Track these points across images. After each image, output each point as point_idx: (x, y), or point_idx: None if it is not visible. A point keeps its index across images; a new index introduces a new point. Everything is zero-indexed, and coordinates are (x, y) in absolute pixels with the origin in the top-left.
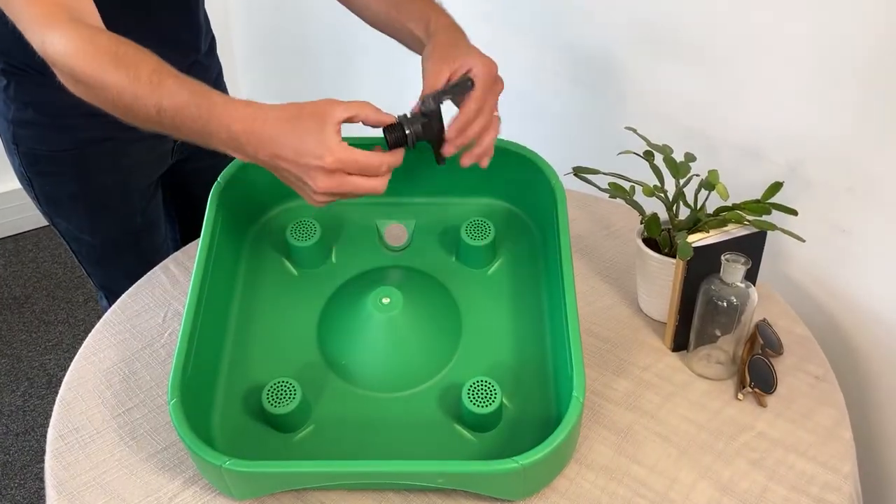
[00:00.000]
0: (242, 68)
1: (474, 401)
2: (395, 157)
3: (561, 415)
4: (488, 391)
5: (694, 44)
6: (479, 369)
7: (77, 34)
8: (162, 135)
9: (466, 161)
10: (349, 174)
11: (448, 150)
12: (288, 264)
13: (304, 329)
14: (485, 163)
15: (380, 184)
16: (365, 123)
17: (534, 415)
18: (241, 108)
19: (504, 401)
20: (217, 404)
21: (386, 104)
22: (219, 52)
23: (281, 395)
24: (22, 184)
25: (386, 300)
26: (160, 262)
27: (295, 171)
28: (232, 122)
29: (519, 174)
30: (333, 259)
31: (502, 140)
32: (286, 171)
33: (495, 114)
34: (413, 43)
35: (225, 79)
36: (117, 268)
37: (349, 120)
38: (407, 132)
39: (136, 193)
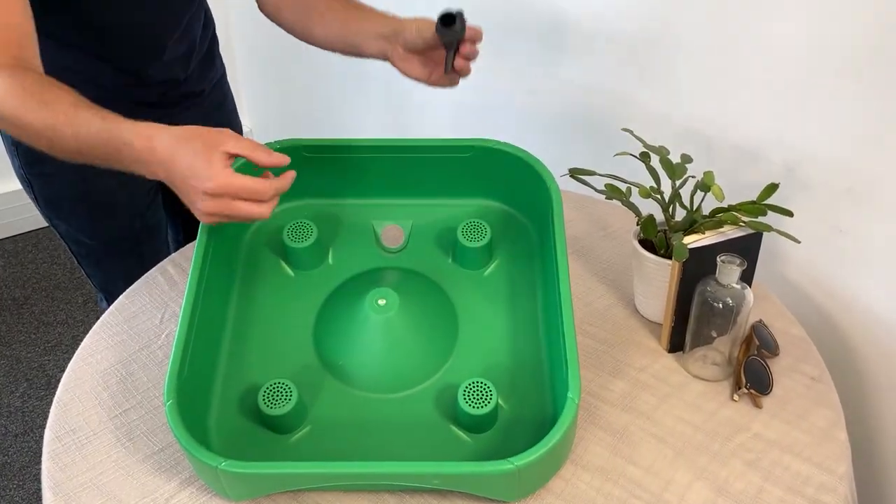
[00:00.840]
0: (242, 68)
1: (470, 402)
2: (283, 182)
3: (556, 416)
4: (484, 392)
5: (691, 44)
6: (474, 370)
7: (12, 80)
8: None
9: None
10: (234, 199)
11: (466, 47)
12: (284, 266)
13: (300, 330)
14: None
15: (266, 210)
16: (255, 164)
17: (529, 416)
18: (142, 127)
19: (500, 402)
20: (213, 405)
21: (388, 104)
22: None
23: (277, 396)
24: (22, 185)
25: (382, 301)
26: None
27: (184, 190)
28: (133, 140)
29: (515, 175)
30: (330, 260)
31: (499, 142)
32: (177, 189)
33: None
34: (373, 41)
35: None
36: (118, 270)
37: (239, 155)
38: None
39: (137, 197)
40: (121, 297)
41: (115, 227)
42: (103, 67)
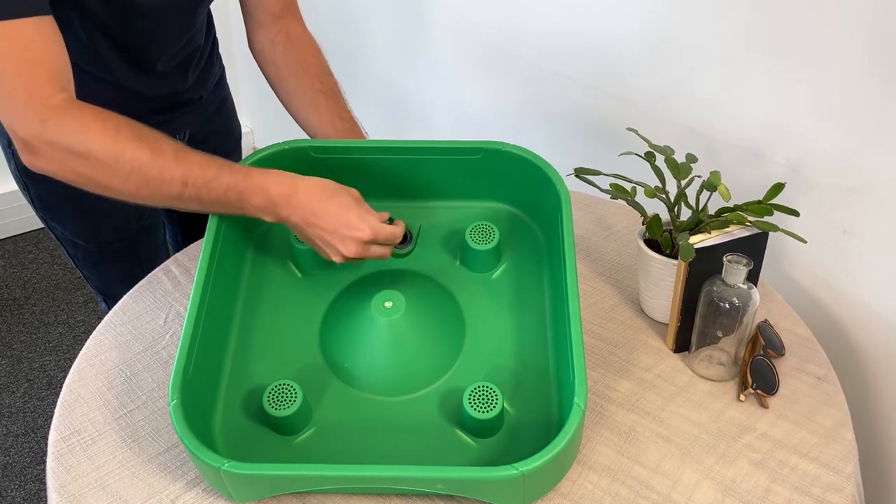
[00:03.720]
0: (242, 68)
1: (475, 406)
2: (400, 227)
3: (563, 420)
4: (489, 397)
5: (695, 44)
6: (481, 374)
7: (90, 113)
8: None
9: None
10: (373, 244)
11: None
12: (292, 267)
13: (306, 332)
14: None
15: (388, 252)
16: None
17: (536, 420)
18: (277, 175)
19: (506, 406)
20: (218, 405)
21: (387, 106)
22: (220, 52)
23: (282, 397)
24: (19, 187)
25: (388, 304)
26: (157, 266)
27: (329, 237)
28: (270, 187)
29: (524, 178)
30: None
31: (508, 144)
32: (317, 235)
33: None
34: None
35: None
36: (115, 272)
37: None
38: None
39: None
40: (124, 297)
41: (110, 229)
42: (99, 87)
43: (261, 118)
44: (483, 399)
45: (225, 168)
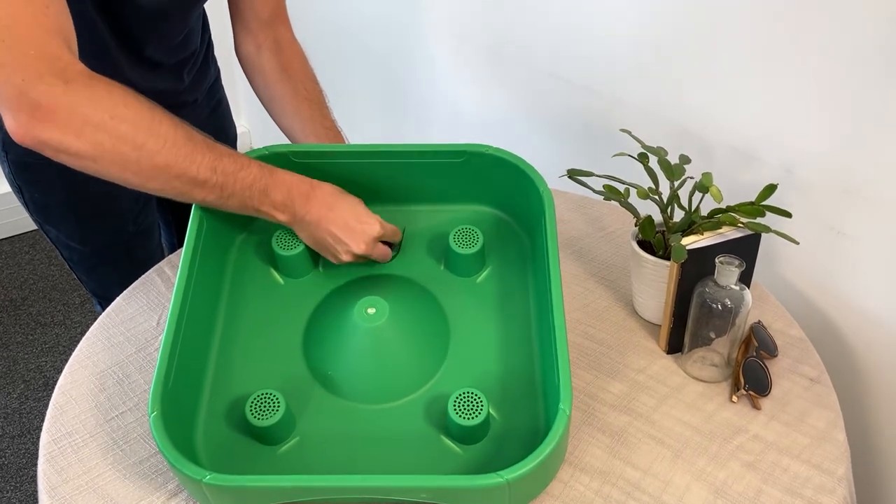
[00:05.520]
0: (240, 70)
1: (460, 413)
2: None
3: (549, 426)
4: (474, 403)
5: (689, 46)
6: (466, 380)
7: (115, 84)
8: None
9: None
10: (379, 243)
11: None
12: (274, 273)
13: (289, 339)
14: None
15: (389, 254)
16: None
17: (522, 426)
18: (298, 176)
19: (491, 412)
20: (200, 416)
21: (383, 106)
22: (218, 53)
23: (264, 407)
24: (12, 190)
25: (371, 310)
26: None
27: (341, 232)
28: (293, 185)
29: (508, 181)
30: (320, 268)
31: (491, 147)
32: (330, 232)
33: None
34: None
35: (223, 80)
36: (110, 276)
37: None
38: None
39: (128, 202)
40: (117, 298)
41: (106, 232)
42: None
43: (259, 119)
44: (468, 405)
45: (253, 162)
